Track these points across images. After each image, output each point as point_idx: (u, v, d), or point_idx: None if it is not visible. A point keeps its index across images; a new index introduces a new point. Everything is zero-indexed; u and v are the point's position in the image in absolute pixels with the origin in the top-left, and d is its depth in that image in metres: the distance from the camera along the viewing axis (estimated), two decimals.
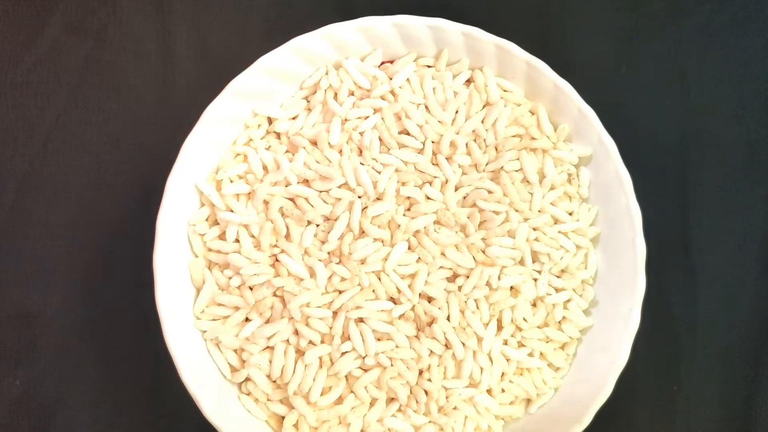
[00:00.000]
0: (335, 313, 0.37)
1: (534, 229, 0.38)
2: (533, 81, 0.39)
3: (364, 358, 0.36)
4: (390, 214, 0.37)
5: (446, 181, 0.38)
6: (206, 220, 0.38)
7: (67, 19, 0.44)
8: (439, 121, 0.38)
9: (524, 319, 0.38)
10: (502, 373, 0.38)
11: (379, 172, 0.37)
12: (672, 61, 0.44)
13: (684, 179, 0.43)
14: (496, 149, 0.38)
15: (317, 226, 0.37)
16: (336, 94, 0.39)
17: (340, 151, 0.38)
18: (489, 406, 0.37)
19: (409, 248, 0.37)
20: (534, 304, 0.38)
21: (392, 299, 0.37)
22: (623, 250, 0.37)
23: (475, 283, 0.37)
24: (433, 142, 0.38)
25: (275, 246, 0.37)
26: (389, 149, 0.38)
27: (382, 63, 0.40)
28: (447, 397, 0.37)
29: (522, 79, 0.39)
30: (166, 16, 0.44)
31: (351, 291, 0.36)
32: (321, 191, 0.37)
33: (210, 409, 0.36)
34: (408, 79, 0.39)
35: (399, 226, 0.37)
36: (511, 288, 0.38)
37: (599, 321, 0.38)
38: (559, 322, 0.38)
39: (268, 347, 0.37)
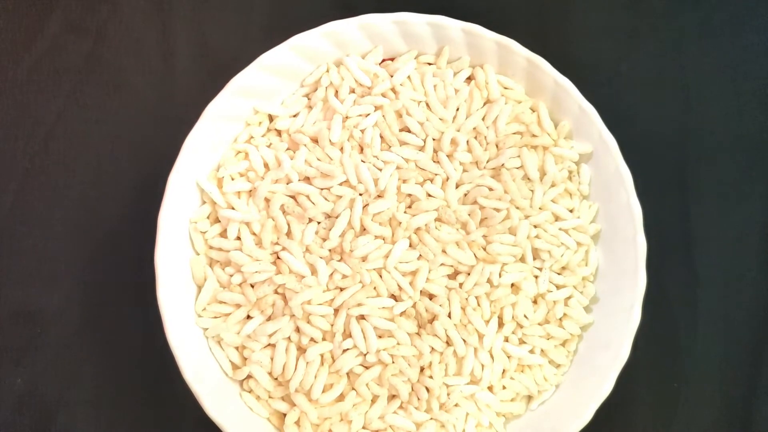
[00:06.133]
0: (336, 311, 0.37)
1: (535, 227, 0.38)
2: (534, 78, 0.39)
3: (365, 355, 0.36)
4: (391, 212, 0.37)
5: (447, 179, 0.38)
6: (207, 217, 0.38)
7: (68, 17, 0.44)
8: (440, 119, 0.38)
9: (525, 316, 0.38)
10: (503, 370, 0.38)
11: (380, 170, 0.37)
12: (672, 58, 0.44)
13: (684, 176, 0.43)
14: (497, 146, 0.38)
15: (318, 223, 0.37)
16: (337, 91, 0.39)
17: (341, 149, 0.38)
18: (490, 403, 0.37)
19: (410, 245, 0.37)
20: (535, 301, 0.38)
21: (393, 296, 0.37)
22: (624, 247, 0.37)
23: (476, 280, 0.37)
24: (434, 139, 0.38)
25: (276, 243, 0.37)
26: (390, 147, 0.38)
27: (383, 60, 0.40)
28: (448, 394, 0.37)
29: (523, 77, 0.39)
30: (167, 14, 0.44)
31: (352, 288, 0.36)
32: (322, 189, 0.37)
33: (211, 407, 0.36)
34: (409, 77, 0.39)
35: (400, 223, 0.37)
36: (512, 285, 0.38)
37: (600, 318, 0.38)
38: (560, 319, 0.38)
39: (269, 345, 0.37)
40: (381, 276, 0.37)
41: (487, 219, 0.37)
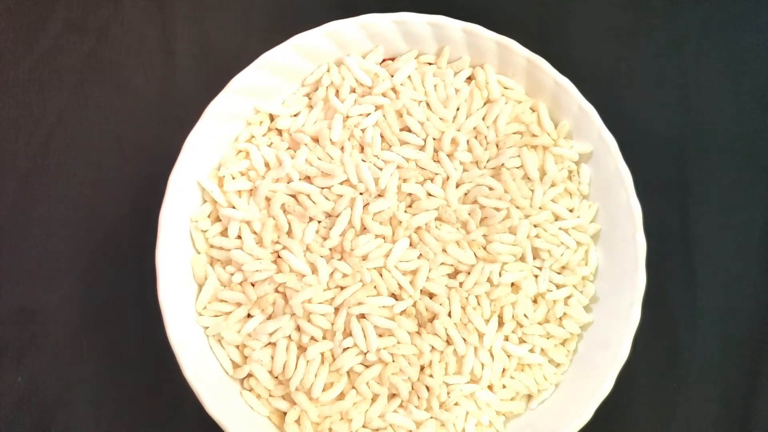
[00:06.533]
0: (337, 310, 0.37)
1: (535, 226, 0.38)
2: (534, 78, 0.39)
3: (365, 354, 0.37)
4: (391, 211, 0.37)
5: (447, 178, 0.38)
6: (208, 216, 0.38)
7: (69, 16, 0.44)
8: (440, 118, 0.38)
9: (525, 316, 0.38)
10: (503, 369, 0.38)
11: (381, 169, 0.37)
12: (671, 58, 0.44)
13: (684, 176, 0.43)
14: (497, 146, 0.39)
15: (319, 222, 0.37)
16: (337, 91, 0.39)
17: (342, 148, 0.38)
18: (490, 402, 0.37)
19: (410, 245, 0.37)
20: (535, 301, 0.38)
21: (394, 295, 0.37)
22: (623, 247, 0.37)
23: (476, 280, 0.37)
24: (434, 139, 0.38)
25: (277, 242, 0.37)
26: (391, 146, 0.38)
27: (384, 60, 0.40)
28: (448, 393, 0.37)
29: (523, 77, 0.39)
30: (168, 13, 0.44)
31: (353, 287, 0.37)
32: (323, 188, 0.37)
33: (212, 405, 0.36)
34: (409, 76, 0.39)
35: (400, 222, 0.37)
36: (512, 284, 0.38)
37: (600, 317, 0.38)
38: (560, 318, 0.38)
39: (270, 343, 0.37)
40: (381, 275, 0.37)
41: (488, 218, 0.38)
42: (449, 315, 0.37)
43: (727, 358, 0.42)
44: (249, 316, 0.38)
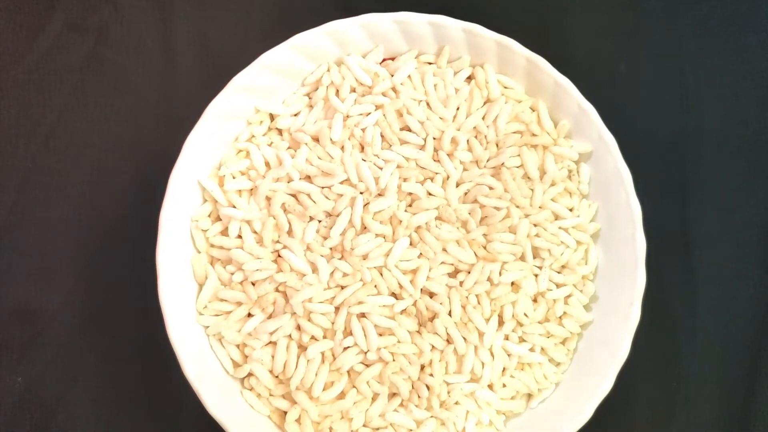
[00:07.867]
0: (337, 309, 0.37)
1: (535, 225, 0.38)
2: (534, 78, 0.39)
3: (366, 353, 0.37)
4: (392, 210, 0.37)
5: (447, 177, 0.38)
6: (209, 216, 0.38)
7: (69, 16, 0.44)
8: (440, 118, 0.39)
9: (525, 315, 0.38)
10: (504, 368, 0.38)
11: (381, 168, 0.37)
12: (671, 58, 0.44)
13: (683, 175, 0.43)
14: (497, 146, 0.39)
15: (319, 222, 0.38)
16: (338, 90, 0.39)
17: (342, 148, 0.38)
18: (490, 401, 0.38)
19: (410, 244, 0.37)
20: (535, 300, 0.38)
21: (394, 294, 0.37)
22: (623, 246, 0.37)
23: (477, 279, 0.37)
24: (434, 138, 0.38)
25: (277, 242, 0.37)
26: (391, 145, 0.38)
27: (384, 60, 0.40)
28: (448, 392, 0.37)
29: (522, 76, 0.39)
30: (168, 13, 0.44)
31: (353, 286, 0.37)
32: (323, 187, 0.37)
33: (213, 404, 0.36)
34: (409, 76, 0.39)
35: (401, 221, 0.37)
36: (512, 283, 0.38)
37: (599, 316, 0.38)
38: (560, 317, 0.38)
39: (270, 342, 0.37)
40: (381, 274, 0.37)
41: (488, 217, 0.38)
42: (449, 314, 0.37)
43: (727, 358, 0.42)
44: (249, 315, 0.38)
